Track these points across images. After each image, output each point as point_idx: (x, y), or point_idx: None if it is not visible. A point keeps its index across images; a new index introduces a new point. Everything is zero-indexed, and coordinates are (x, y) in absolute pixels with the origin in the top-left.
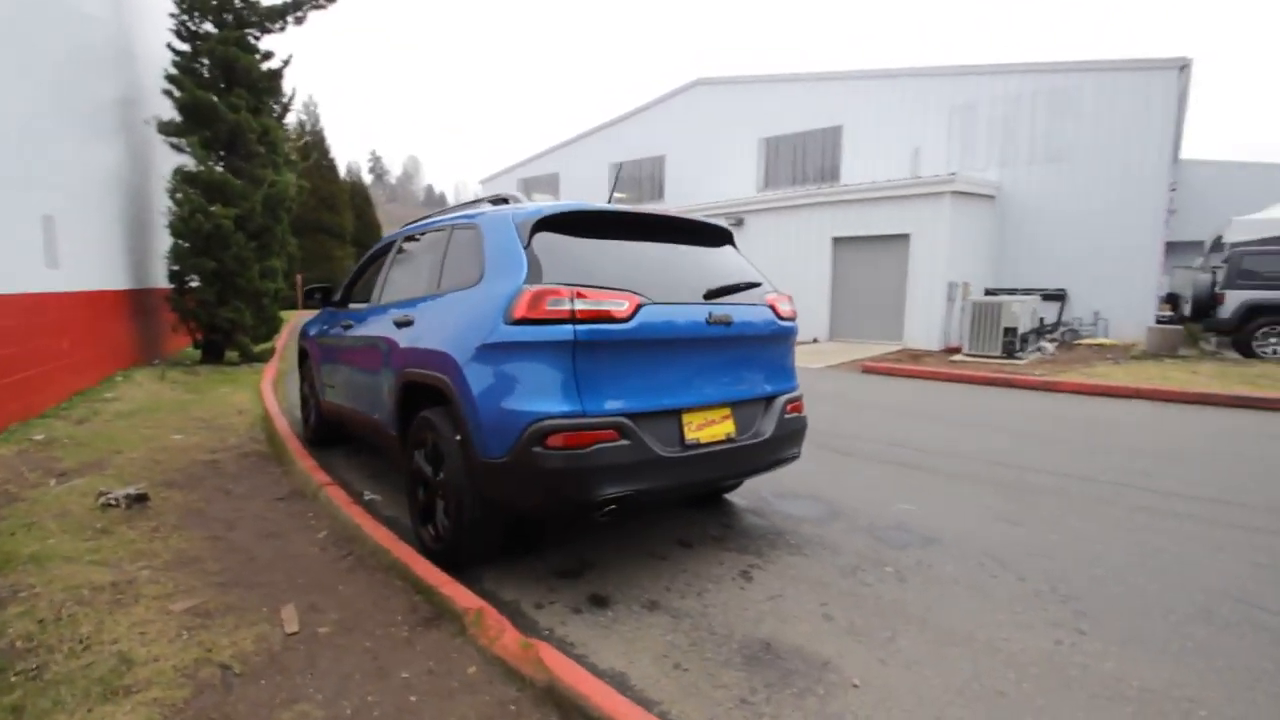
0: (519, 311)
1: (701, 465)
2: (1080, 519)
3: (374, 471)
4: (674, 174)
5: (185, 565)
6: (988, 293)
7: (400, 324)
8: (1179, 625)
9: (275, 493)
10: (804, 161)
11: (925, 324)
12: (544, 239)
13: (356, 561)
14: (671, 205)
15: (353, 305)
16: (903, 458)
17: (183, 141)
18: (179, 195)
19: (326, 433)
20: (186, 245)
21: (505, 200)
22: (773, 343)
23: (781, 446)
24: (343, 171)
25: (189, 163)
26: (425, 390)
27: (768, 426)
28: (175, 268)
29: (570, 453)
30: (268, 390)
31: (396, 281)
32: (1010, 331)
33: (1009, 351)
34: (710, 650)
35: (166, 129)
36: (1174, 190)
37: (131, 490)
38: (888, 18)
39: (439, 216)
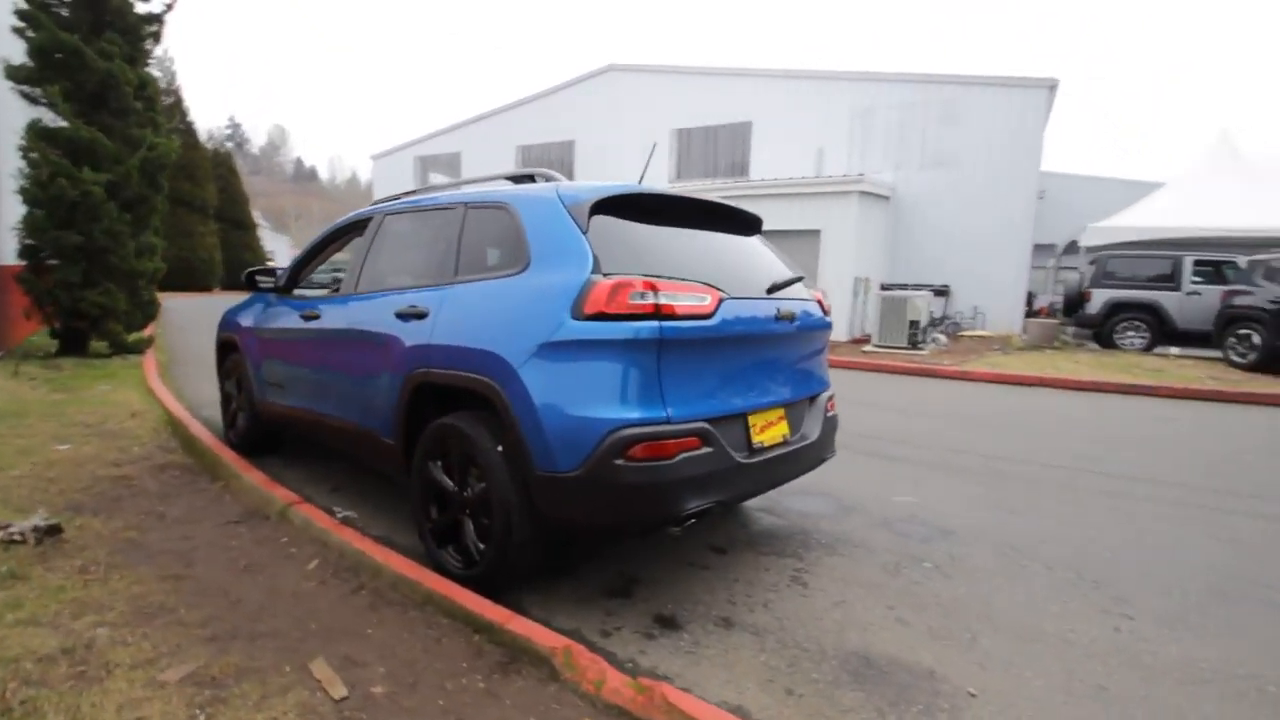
0: (594, 305)
1: (766, 470)
2: (1062, 504)
3: (334, 483)
4: (584, 160)
5: (153, 617)
6: (883, 287)
7: (405, 316)
8: (1202, 604)
9: (224, 514)
10: (716, 154)
11: (835, 316)
12: (600, 224)
13: (374, 596)
14: None
15: (302, 292)
16: (870, 448)
17: (39, 91)
18: (34, 155)
19: (259, 439)
20: (44, 215)
21: (530, 178)
22: (820, 339)
23: (824, 446)
24: (203, 137)
25: (47, 117)
26: (451, 394)
27: (814, 426)
28: (29, 242)
29: (655, 464)
30: (160, 387)
31: (386, 266)
32: (914, 324)
33: (913, 342)
34: (812, 670)
35: (16, 75)
36: (1041, 198)
37: (37, 521)
38: (796, 20)
39: (435, 194)
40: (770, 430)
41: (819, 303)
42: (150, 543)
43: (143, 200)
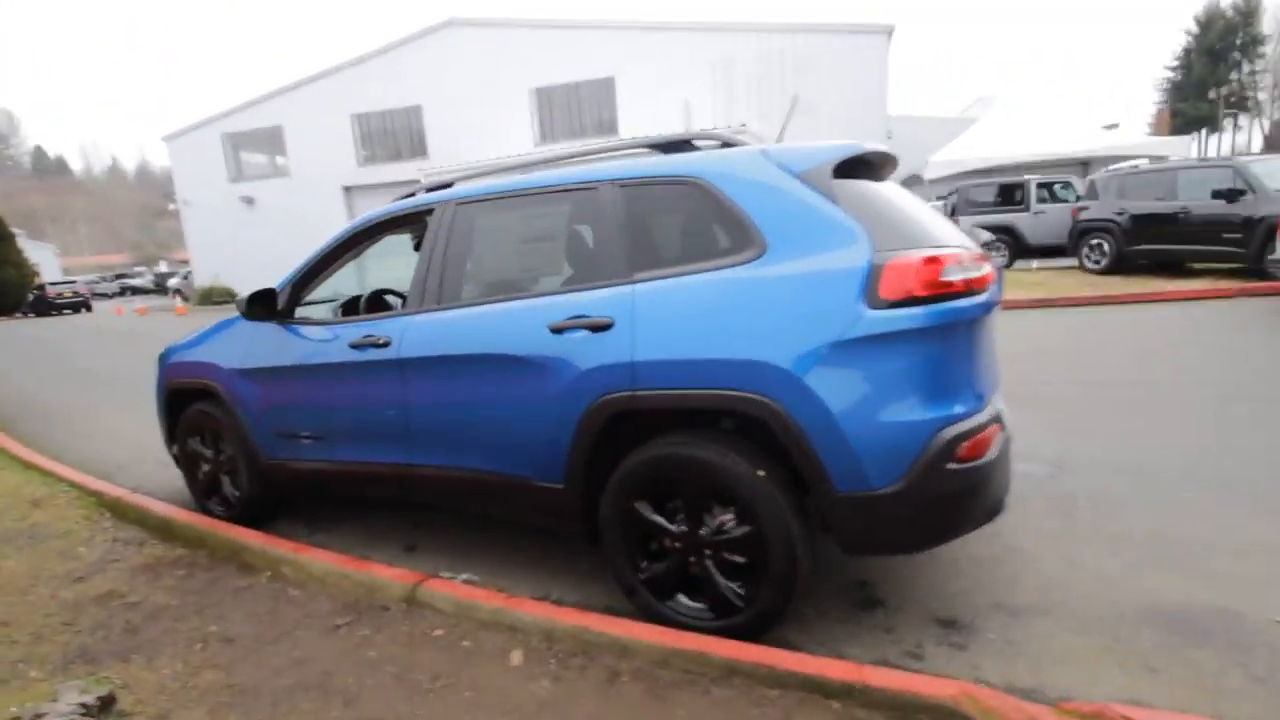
0: (897, 288)
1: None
2: (1123, 419)
3: (398, 540)
4: (436, 126)
5: None
6: None
7: (567, 329)
8: None
9: (314, 617)
10: (581, 113)
11: None
12: (843, 190)
13: (647, 682)
14: (441, 164)
15: (306, 314)
16: None
17: None
18: None
19: (264, 506)
20: None
21: (688, 144)
22: None
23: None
24: None
25: None
26: (657, 419)
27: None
28: None
29: (979, 463)
30: (37, 456)
31: (493, 271)
32: None
33: None
34: (1137, 638)
35: None
36: (890, 139)
37: (80, 696)
38: None
39: (531, 176)
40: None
41: None
42: (258, 683)
43: None
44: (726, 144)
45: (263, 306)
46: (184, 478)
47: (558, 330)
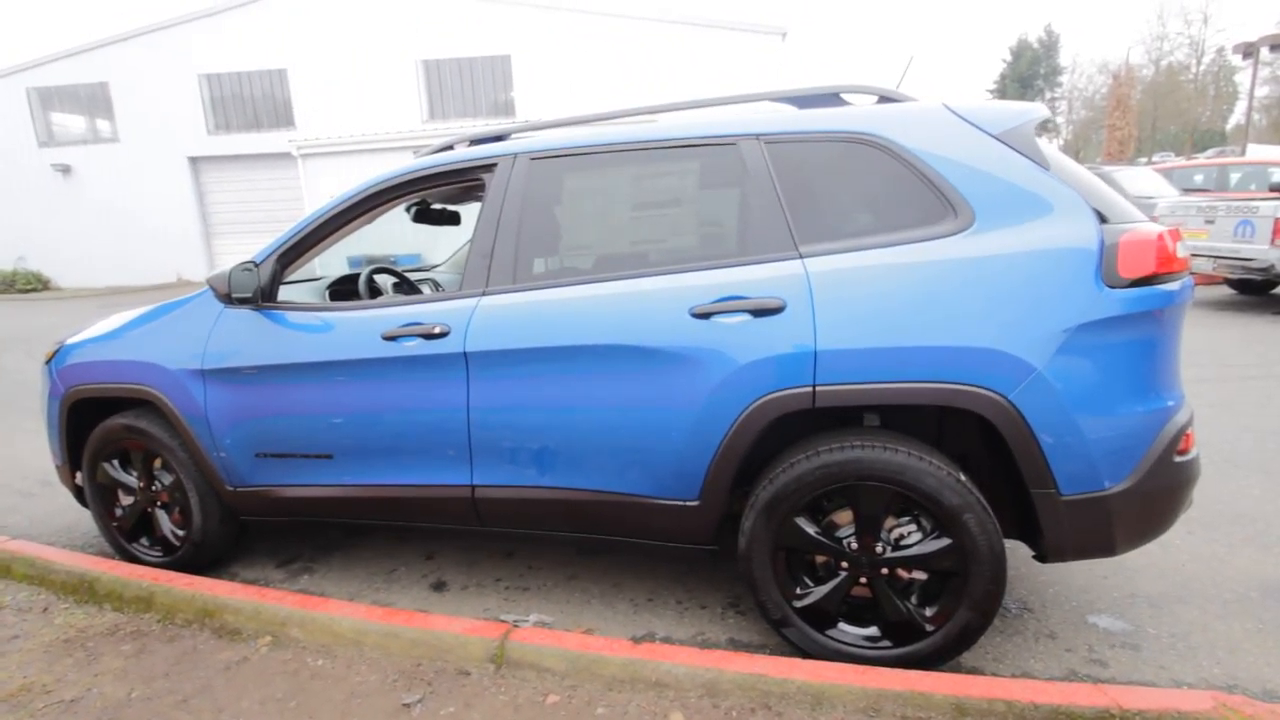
0: (1137, 266)
1: None
2: None
3: (411, 579)
4: (303, 94)
5: None
6: None
7: (719, 314)
8: None
9: (359, 697)
10: (475, 91)
11: None
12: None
13: None
14: (313, 135)
15: (290, 299)
16: None
17: None
18: None
19: (224, 545)
20: None
21: (836, 98)
22: None
23: None
24: None
25: None
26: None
27: None
28: None
29: (1195, 453)
30: None
31: (593, 242)
32: None
33: None
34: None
35: None
36: None
37: None
38: None
39: (638, 128)
40: None
41: None
42: None
43: None
44: (886, 99)
45: (238, 285)
46: (94, 516)
47: (703, 315)
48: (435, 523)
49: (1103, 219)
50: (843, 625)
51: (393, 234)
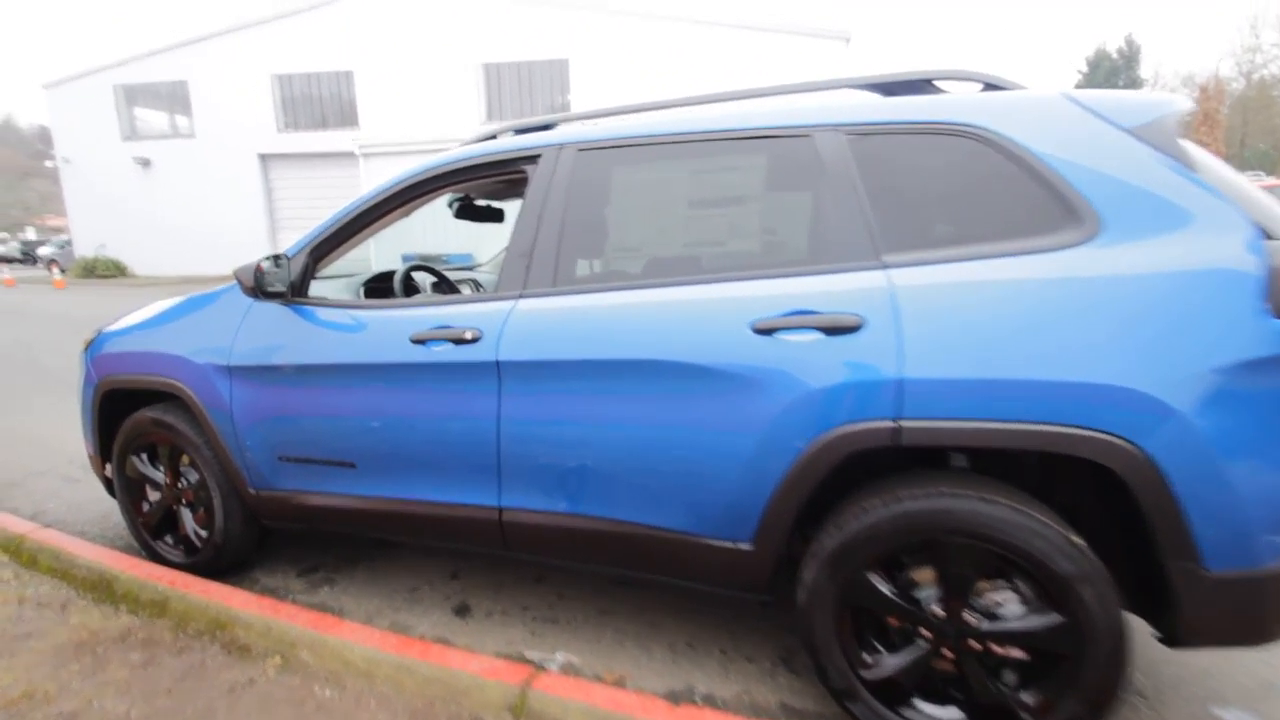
0: None
1: None
2: None
3: (434, 599)
4: (368, 94)
5: None
6: None
7: (784, 329)
8: None
9: None
10: (532, 94)
11: None
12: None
13: None
14: (371, 135)
15: (323, 295)
16: None
17: None
18: None
19: (246, 549)
20: None
21: (928, 84)
22: None
23: None
24: None
25: None
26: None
27: None
28: None
29: None
30: None
31: (643, 244)
32: None
33: None
34: None
35: None
36: None
37: None
38: None
39: (697, 116)
40: None
41: None
42: None
43: None
44: (992, 86)
45: (270, 277)
46: (121, 510)
47: (766, 330)
48: (460, 544)
49: (1267, 236)
50: (918, 703)
51: (448, 231)
